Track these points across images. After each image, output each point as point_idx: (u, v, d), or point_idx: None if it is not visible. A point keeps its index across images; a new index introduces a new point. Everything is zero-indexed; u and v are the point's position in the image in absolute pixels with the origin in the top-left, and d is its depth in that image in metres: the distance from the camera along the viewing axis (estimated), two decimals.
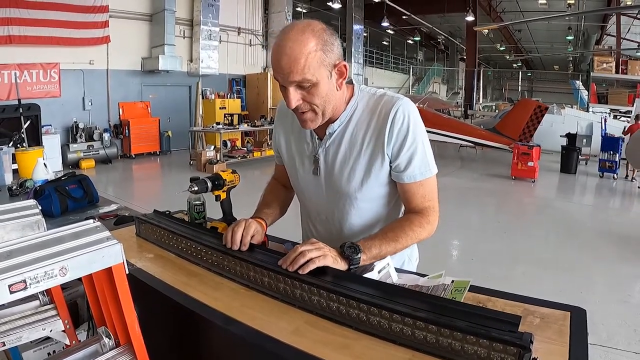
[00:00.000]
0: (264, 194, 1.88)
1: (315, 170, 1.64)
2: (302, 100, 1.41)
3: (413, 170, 1.51)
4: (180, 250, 1.60)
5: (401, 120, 1.48)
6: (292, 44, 1.32)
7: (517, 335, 0.93)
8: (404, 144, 1.49)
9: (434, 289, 1.28)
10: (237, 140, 14.18)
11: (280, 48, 1.33)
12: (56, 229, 1.01)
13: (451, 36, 32.92)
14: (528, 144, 11.75)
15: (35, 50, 11.41)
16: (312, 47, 1.32)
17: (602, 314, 4.27)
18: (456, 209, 8.28)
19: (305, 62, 1.32)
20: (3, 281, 0.76)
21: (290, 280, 1.25)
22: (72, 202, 2.79)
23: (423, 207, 1.55)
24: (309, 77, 1.35)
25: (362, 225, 1.65)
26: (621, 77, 23.25)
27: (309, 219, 1.82)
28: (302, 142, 1.67)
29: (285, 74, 1.35)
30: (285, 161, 1.78)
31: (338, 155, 1.58)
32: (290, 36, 1.33)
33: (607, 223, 8.12)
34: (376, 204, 1.63)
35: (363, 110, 1.55)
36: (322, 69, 1.36)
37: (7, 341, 1.07)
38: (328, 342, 1.07)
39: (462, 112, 24.45)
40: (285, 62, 1.33)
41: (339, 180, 1.59)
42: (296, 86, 1.38)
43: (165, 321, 1.39)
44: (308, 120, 1.47)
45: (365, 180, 1.56)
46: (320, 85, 1.38)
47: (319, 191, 1.67)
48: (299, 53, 1.31)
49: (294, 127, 1.69)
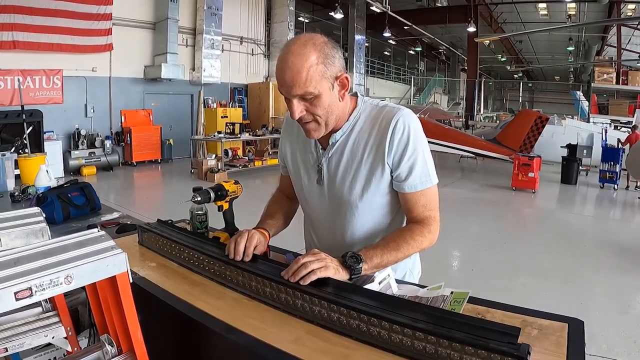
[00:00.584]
0: (268, 205, 1.89)
1: (319, 179, 1.67)
2: (306, 111, 1.45)
3: (414, 179, 1.53)
4: (183, 260, 1.61)
5: (401, 131, 1.50)
6: (294, 58, 1.36)
7: (515, 347, 0.94)
8: (405, 153, 1.51)
9: (433, 300, 1.29)
10: (239, 149, 14.20)
11: (283, 62, 1.37)
12: (61, 238, 1.02)
13: (452, 47, 33.00)
14: (529, 154, 11.74)
15: (39, 57, 11.46)
16: (313, 60, 1.36)
17: (602, 325, 4.26)
18: (457, 219, 8.28)
19: (307, 75, 1.36)
20: (9, 288, 0.78)
21: (292, 290, 1.27)
22: (75, 209, 2.80)
23: (424, 217, 1.57)
24: (311, 90, 1.38)
25: (364, 234, 1.66)
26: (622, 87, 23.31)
27: (312, 228, 1.84)
28: (306, 152, 1.70)
29: (289, 87, 1.38)
30: (290, 171, 1.81)
31: (340, 164, 1.61)
32: (293, 50, 1.37)
33: (607, 234, 8.11)
34: (378, 213, 1.64)
35: (365, 120, 1.58)
36: (323, 81, 1.40)
37: (10, 347, 1.08)
38: (328, 352, 1.08)
39: (463, 123, 24.48)
40: (288, 76, 1.36)
41: (341, 189, 1.61)
42: (299, 98, 1.42)
43: (168, 329, 1.40)
44: (311, 130, 1.51)
45: (366, 189, 1.58)
46: (323, 97, 1.42)
47: (322, 200, 1.69)
48: (300, 67, 1.35)
49: (299, 138, 1.73)
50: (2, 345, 1.06)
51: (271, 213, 1.82)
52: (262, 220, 1.78)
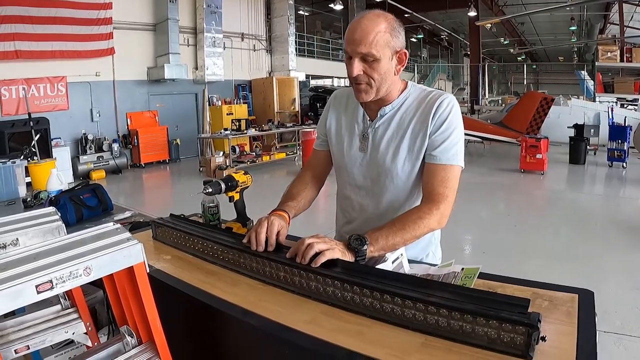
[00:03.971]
0: (291, 185, 1.91)
1: (363, 147, 1.75)
2: (363, 72, 1.56)
3: (440, 152, 1.61)
4: (197, 251, 1.64)
5: (444, 108, 1.62)
6: (367, 21, 1.52)
7: (526, 316, 0.96)
8: (441, 127, 1.61)
9: (444, 277, 1.31)
10: (246, 145, 14.21)
11: (356, 23, 1.54)
12: (78, 232, 1.05)
13: (454, 32, 32.81)
14: (535, 136, 11.68)
15: (42, 65, 11.50)
16: (382, 27, 1.51)
17: (615, 302, 4.26)
18: (466, 203, 8.25)
19: (374, 38, 1.50)
20: (30, 282, 0.80)
21: (305, 273, 1.29)
22: (87, 210, 2.83)
23: (438, 192, 1.59)
24: (374, 52, 1.52)
25: (397, 202, 1.73)
26: (626, 65, 23.03)
27: (348, 196, 1.87)
28: (353, 122, 1.79)
29: (356, 45, 1.52)
30: (332, 141, 1.87)
31: (386, 134, 1.70)
32: (367, 16, 1.54)
33: (617, 212, 8.07)
34: (411, 183, 1.70)
35: (413, 100, 1.69)
36: (386, 49, 1.54)
37: (32, 344, 1.11)
38: (343, 330, 1.11)
39: (468, 108, 24.32)
40: (358, 34, 1.51)
41: (383, 157, 1.69)
42: (361, 58, 1.54)
43: (185, 318, 1.43)
44: (363, 91, 1.61)
45: (407, 159, 1.67)
46: (382, 63, 1.55)
47: (363, 167, 1.77)
48: (371, 29, 1.51)
49: (347, 109, 1.83)
50: (24, 344, 1.09)
51: (293, 194, 1.84)
52: (282, 201, 1.80)
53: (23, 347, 1.09)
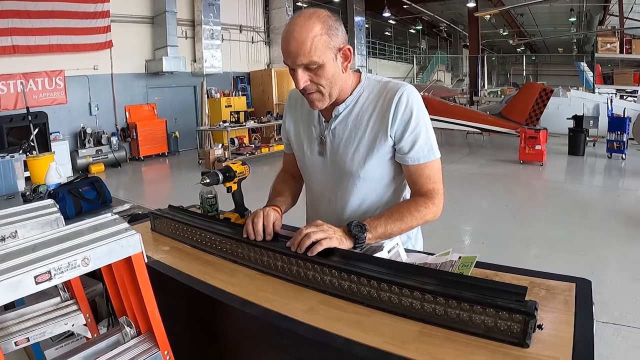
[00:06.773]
0: (274, 185, 1.92)
1: (321, 151, 1.70)
2: (310, 81, 1.50)
3: (417, 152, 1.57)
4: (195, 242, 1.65)
5: (405, 104, 1.54)
6: (300, 28, 1.42)
7: (522, 304, 0.96)
8: (408, 126, 1.55)
9: (442, 265, 1.31)
10: (245, 137, 14.19)
11: (289, 33, 1.43)
12: (76, 223, 1.05)
13: (453, 23, 32.66)
14: (535, 127, 11.68)
15: (40, 59, 11.47)
16: (317, 31, 1.42)
17: (614, 293, 4.27)
18: (465, 194, 8.28)
19: (312, 45, 1.41)
20: (29, 273, 0.80)
21: (303, 262, 1.30)
22: (86, 203, 2.84)
23: (427, 189, 1.59)
24: (315, 59, 1.43)
25: (364, 206, 1.70)
26: (626, 56, 22.97)
27: (313, 202, 1.87)
28: (310, 126, 1.74)
29: (294, 57, 1.44)
30: (293, 146, 1.84)
31: (343, 135, 1.64)
32: (298, 22, 1.43)
33: (617, 203, 8.06)
34: (378, 185, 1.68)
35: (369, 94, 1.62)
36: (327, 51, 1.45)
37: (32, 336, 1.11)
38: (341, 319, 1.11)
39: (467, 99, 24.28)
40: (294, 46, 1.42)
41: (343, 159, 1.65)
42: (304, 68, 1.47)
43: (184, 308, 1.44)
44: (315, 100, 1.55)
45: (367, 159, 1.61)
46: (327, 67, 1.47)
47: (325, 172, 1.73)
48: (305, 37, 1.41)
49: (302, 112, 1.78)
50: (24, 336, 1.10)
51: (279, 191, 1.85)
52: (271, 198, 1.81)
53: (23, 339, 1.09)
